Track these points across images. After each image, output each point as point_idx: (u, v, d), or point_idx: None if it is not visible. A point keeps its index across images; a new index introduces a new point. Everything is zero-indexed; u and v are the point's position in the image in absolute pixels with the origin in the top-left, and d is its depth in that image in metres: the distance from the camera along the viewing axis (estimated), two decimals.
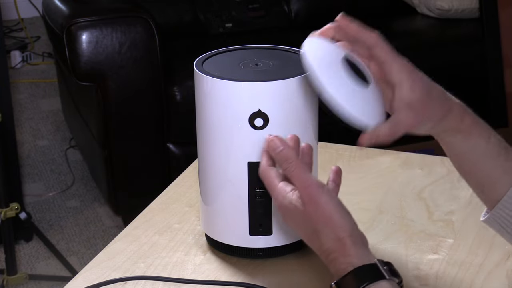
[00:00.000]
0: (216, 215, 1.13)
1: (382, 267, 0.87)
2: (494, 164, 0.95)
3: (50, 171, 3.23)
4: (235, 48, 1.15)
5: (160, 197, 1.30)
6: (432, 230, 1.19)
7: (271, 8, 3.14)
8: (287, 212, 0.93)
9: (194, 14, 3.06)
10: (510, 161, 0.96)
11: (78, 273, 1.11)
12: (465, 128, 0.95)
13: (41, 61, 4.32)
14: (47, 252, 2.65)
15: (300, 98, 1.05)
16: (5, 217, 2.35)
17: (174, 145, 2.65)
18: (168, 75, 2.57)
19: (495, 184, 0.95)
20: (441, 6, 3.12)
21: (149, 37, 2.48)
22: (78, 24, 2.44)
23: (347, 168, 1.33)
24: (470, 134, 0.96)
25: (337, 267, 0.88)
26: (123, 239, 1.19)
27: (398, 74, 0.92)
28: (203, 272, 1.11)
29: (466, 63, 2.99)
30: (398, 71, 0.93)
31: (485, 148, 0.96)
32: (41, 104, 3.85)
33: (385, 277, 0.86)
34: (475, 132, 0.96)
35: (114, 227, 2.82)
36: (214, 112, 1.07)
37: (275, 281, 1.09)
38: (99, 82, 2.49)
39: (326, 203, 0.90)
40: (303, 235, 0.94)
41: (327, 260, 0.90)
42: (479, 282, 1.08)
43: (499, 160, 0.95)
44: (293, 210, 0.92)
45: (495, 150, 0.96)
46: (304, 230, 0.92)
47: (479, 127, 0.96)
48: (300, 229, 0.93)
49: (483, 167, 0.96)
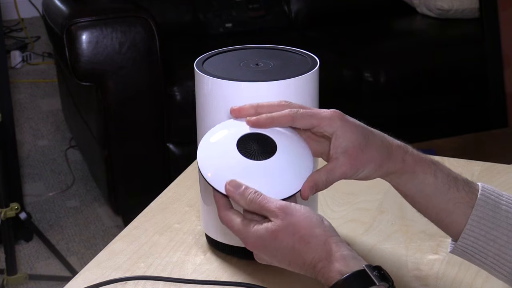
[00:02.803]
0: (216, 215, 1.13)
1: (371, 272, 0.85)
2: (447, 197, 0.95)
3: (50, 171, 3.23)
4: (235, 48, 1.14)
5: (160, 197, 1.30)
6: (432, 230, 1.19)
7: (271, 8, 3.14)
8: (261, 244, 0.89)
9: (194, 14, 3.06)
10: (462, 190, 0.96)
11: (78, 273, 1.11)
12: (409, 168, 0.95)
13: (41, 61, 4.32)
14: (47, 252, 2.65)
15: (300, 98, 1.05)
16: (5, 217, 2.35)
17: (174, 145, 2.65)
18: (168, 75, 2.57)
19: (453, 216, 0.95)
20: (441, 6, 3.13)
21: (149, 37, 2.49)
22: (78, 24, 2.44)
23: None
24: (415, 173, 0.95)
25: (326, 275, 0.86)
26: (123, 239, 1.19)
27: (330, 126, 0.93)
28: (203, 272, 1.11)
29: (466, 63, 2.99)
30: (329, 123, 0.93)
31: (434, 184, 0.95)
32: (41, 104, 3.85)
33: (375, 283, 0.84)
34: (420, 170, 0.95)
35: (114, 227, 2.82)
36: (214, 112, 1.07)
37: (275, 281, 1.09)
38: (99, 82, 2.49)
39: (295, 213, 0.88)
40: (283, 259, 0.90)
41: (315, 271, 0.87)
42: (479, 283, 1.08)
43: (451, 192, 0.95)
44: (267, 237, 0.89)
45: (444, 183, 0.96)
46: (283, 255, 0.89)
47: (422, 165, 0.96)
48: (278, 255, 0.89)
49: (436, 202, 0.96)
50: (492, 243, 0.94)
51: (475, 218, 0.94)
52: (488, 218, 0.94)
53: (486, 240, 0.94)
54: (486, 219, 0.94)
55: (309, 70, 1.06)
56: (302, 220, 0.88)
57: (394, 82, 2.87)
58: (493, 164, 1.39)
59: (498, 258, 0.94)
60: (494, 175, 1.35)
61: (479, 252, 0.95)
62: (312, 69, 1.06)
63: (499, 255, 0.94)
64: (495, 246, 0.94)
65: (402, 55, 2.94)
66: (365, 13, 3.27)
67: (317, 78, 1.07)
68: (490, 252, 0.94)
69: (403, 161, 0.95)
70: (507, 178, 1.34)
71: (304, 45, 1.31)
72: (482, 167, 1.38)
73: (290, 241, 0.88)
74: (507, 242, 0.94)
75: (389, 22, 3.25)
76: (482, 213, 0.94)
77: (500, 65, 2.97)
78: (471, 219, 0.94)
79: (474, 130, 2.88)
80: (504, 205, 0.95)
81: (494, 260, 0.94)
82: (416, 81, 2.91)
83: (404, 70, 2.89)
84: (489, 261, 0.95)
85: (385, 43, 3.03)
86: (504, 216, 0.94)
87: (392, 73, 2.87)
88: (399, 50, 2.97)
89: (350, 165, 0.93)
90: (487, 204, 0.95)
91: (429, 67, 2.94)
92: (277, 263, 0.91)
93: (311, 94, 1.07)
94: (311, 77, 1.06)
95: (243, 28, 3.08)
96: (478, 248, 0.95)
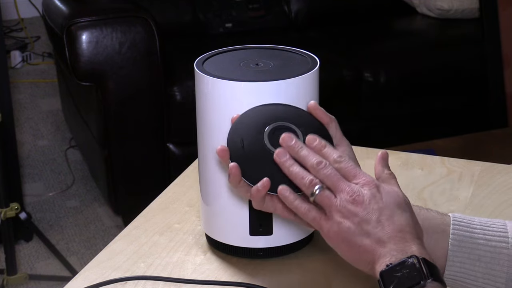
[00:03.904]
0: (216, 215, 1.13)
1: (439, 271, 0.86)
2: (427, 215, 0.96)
3: (50, 171, 3.23)
4: (235, 48, 1.14)
5: (160, 197, 1.30)
6: None
7: (271, 8, 3.14)
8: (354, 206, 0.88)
9: (194, 14, 3.06)
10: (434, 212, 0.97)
11: (78, 273, 1.11)
12: None
13: (41, 61, 4.32)
14: (47, 252, 2.65)
15: (301, 98, 1.05)
16: (5, 217, 2.35)
17: (174, 145, 2.65)
18: (168, 75, 2.57)
19: (437, 234, 0.95)
20: (441, 6, 3.13)
21: (149, 37, 2.49)
22: (78, 24, 2.44)
23: None
24: None
25: (407, 244, 0.86)
26: (123, 239, 1.19)
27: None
28: (203, 272, 1.11)
29: (466, 63, 2.99)
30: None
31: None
32: (41, 104, 3.85)
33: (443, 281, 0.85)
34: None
35: (114, 227, 2.82)
36: (214, 112, 1.07)
37: (275, 281, 1.09)
38: (99, 82, 2.49)
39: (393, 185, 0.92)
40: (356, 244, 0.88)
41: (399, 235, 0.86)
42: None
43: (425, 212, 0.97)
44: (371, 196, 0.88)
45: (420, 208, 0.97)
46: (365, 231, 0.88)
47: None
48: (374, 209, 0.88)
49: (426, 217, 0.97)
50: (478, 262, 0.93)
51: (455, 243, 0.94)
52: (466, 240, 0.94)
53: (472, 261, 0.93)
54: (465, 241, 0.94)
55: (309, 70, 1.06)
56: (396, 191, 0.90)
57: (394, 82, 2.87)
58: (493, 164, 1.39)
59: (488, 276, 0.93)
60: (494, 175, 1.35)
61: (470, 276, 0.94)
62: (312, 69, 1.06)
63: (488, 272, 0.93)
64: (481, 265, 0.93)
65: (402, 55, 2.94)
66: (365, 13, 3.27)
67: (317, 78, 1.07)
68: (479, 272, 0.93)
69: None
70: (507, 178, 1.34)
71: (304, 45, 1.31)
72: (482, 167, 1.38)
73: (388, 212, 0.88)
74: (492, 258, 0.93)
75: (389, 22, 3.25)
76: (459, 236, 0.94)
77: (500, 65, 2.97)
78: (451, 244, 0.94)
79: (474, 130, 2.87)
80: (477, 223, 0.95)
81: (485, 279, 0.93)
82: (416, 81, 2.91)
83: (404, 70, 2.89)
84: (480, 282, 0.93)
85: (385, 43, 3.03)
86: (481, 234, 0.94)
87: (392, 73, 2.87)
88: (399, 50, 2.97)
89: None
90: (460, 227, 0.94)
91: (429, 67, 2.94)
92: (352, 245, 0.88)
93: (311, 94, 1.07)
94: (311, 77, 1.06)
95: (243, 28, 3.08)
96: (466, 273, 0.94)
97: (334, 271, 1.10)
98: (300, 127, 0.97)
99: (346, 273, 1.08)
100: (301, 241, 1.14)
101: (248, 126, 0.98)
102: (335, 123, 0.99)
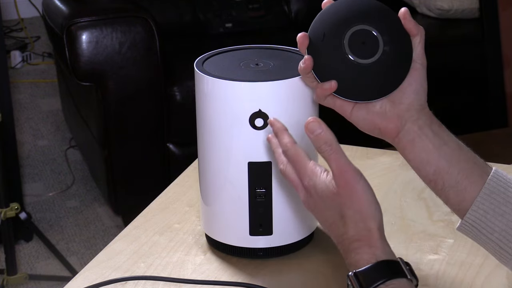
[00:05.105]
0: (216, 215, 1.13)
1: (404, 266, 0.88)
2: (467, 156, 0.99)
3: (50, 171, 3.23)
4: (235, 48, 1.15)
5: (160, 197, 1.30)
6: (432, 230, 1.19)
7: (271, 8, 3.14)
8: (314, 193, 0.91)
9: (194, 14, 3.06)
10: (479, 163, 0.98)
11: (78, 273, 1.11)
12: (436, 130, 1.02)
13: (41, 61, 4.32)
14: (47, 252, 2.65)
15: (301, 98, 1.05)
16: (5, 217, 2.35)
17: (174, 145, 2.65)
18: (168, 75, 2.57)
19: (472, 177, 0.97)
20: (441, 6, 3.12)
21: (149, 37, 2.49)
22: (78, 24, 2.44)
23: None
24: (442, 127, 1.02)
25: (359, 256, 0.88)
26: (123, 239, 1.19)
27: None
28: (203, 272, 1.11)
29: (466, 63, 2.99)
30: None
31: (457, 143, 1.00)
32: (41, 104, 3.85)
33: (406, 276, 0.87)
34: (446, 132, 1.02)
35: (114, 227, 2.82)
36: (214, 112, 1.07)
37: (275, 281, 1.09)
38: (99, 82, 2.49)
39: (362, 191, 0.89)
40: (325, 219, 0.92)
41: (349, 247, 0.89)
42: (479, 283, 1.08)
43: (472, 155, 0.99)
44: (322, 191, 0.90)
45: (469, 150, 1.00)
46: (329, 214, 0.91)
47: (447, 131, 1.02)
48: (323, 212, 0.91)
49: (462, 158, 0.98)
50: (500, 217, 0.94)
51: (486, 192, 0.95)
52: (498, 193, 0.95)
53: (495, 214, 0.95)
54: (497, 194, 0.95)
55: None
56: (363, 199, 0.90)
57: None
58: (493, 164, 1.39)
59: (505, 234, 0.94)
60: None
61: (487, 227, 0.95)
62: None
63: (506, 230, 0.94)
64: (503, 221, 0.94)
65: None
66: None
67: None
68: (497, 227, 0.95)
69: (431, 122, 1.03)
70: None
71: None
72: None
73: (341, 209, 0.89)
74: None
75: None
76: (493, 188, 0.95)
77: (500, 65, 2.97)
78: (483, 192, 0.95)
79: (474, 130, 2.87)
80: None
81: (500, 236, 0.95)
82: None
83: None
84: (495, 236, 0.95)
85: None
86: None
87: None
88: None
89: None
90: (498, 180, 0.96)
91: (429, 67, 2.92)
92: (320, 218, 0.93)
93: (311, 94, 1.07)
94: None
95: (243, 28, 3.08)
96: (486, 222, 0.95)
97: (334, 271, 1.10)
98: (383, 36, 0.97)
99: (346, 273, 1.08)
100: (301, 241, 1.14)
101: (333, 21, 0.96)
102: (419, 37, 1.03)
